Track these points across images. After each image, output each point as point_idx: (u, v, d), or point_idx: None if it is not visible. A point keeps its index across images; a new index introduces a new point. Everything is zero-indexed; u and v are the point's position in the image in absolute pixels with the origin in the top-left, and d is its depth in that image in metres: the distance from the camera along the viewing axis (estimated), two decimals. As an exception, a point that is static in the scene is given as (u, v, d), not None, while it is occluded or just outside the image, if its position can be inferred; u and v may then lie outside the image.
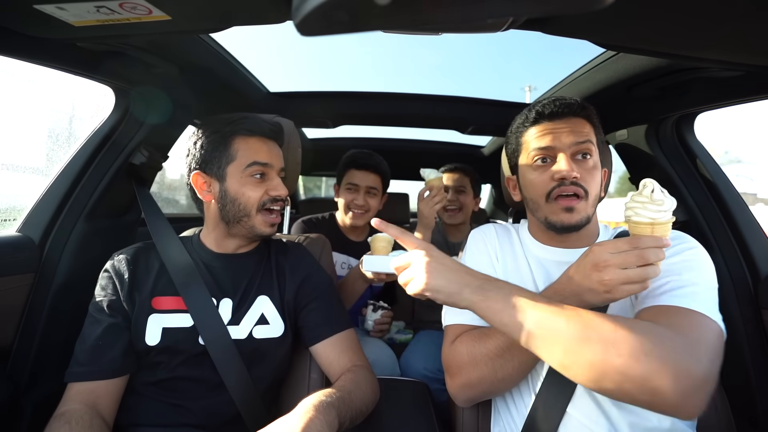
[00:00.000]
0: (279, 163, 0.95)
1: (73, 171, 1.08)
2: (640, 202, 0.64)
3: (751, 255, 1.07)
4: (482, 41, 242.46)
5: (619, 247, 0.63)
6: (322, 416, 0.65)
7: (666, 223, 0.63)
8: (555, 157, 0.82)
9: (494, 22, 0.66)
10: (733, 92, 0.93)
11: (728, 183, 1.16)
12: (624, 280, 0.62)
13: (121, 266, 0.88)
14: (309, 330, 0.93)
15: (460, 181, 1.76)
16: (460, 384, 0.79)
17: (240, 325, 0.88)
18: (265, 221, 0.92)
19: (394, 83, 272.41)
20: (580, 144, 0.80)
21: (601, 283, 0.63)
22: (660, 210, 0.62)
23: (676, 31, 0.67)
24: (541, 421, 0.75)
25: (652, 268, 0.62)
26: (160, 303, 0.86)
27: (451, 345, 0.83)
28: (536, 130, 0.84)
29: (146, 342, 0.82)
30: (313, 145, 2.43)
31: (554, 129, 0.82)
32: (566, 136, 0.81)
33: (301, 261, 1.00)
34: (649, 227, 0.63)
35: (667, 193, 0.64)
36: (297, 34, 0.32)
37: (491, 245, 0.93)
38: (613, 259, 0.63)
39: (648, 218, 0.63)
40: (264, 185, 0.91)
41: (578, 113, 0.83)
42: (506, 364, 0.74)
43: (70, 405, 0.76)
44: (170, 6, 0.61)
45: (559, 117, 0.82)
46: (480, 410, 0.88)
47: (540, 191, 0.83)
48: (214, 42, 1.09)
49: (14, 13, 0.67)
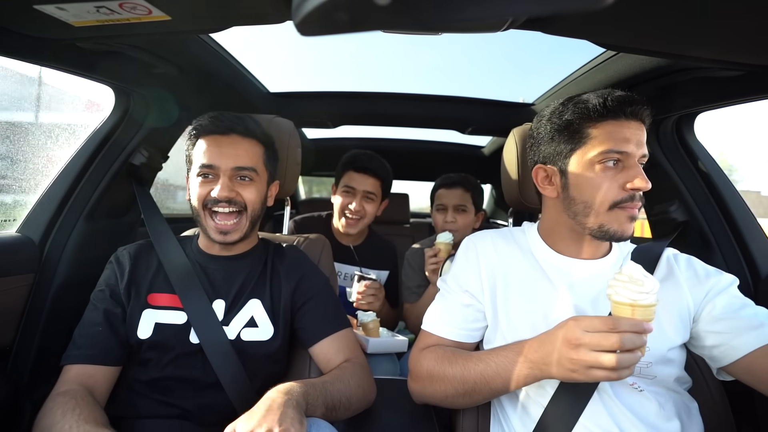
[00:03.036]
0: (231, 162, 0.88)
1: (73, 171, 1.08)
2: (621, 281, 0.60)
3: (751, 255, 1.07)
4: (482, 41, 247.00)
5: (596, 325, 0.59)
6: (286, 396, 0.67)
7: (648, 306, 0.59)
8: (625, 164, 0.72)
9: (494, 22, 0.66)
10: (733, 92, 0.93)
11: (728, 183, 1.16)
12: (593, 364, 0.59)
13: (124, 259, 0.91)
14: (305, 332, 0.93)
15: (459, 198, 1.52)
16: (415, 389, 0.86)
17: (229, 326, 0.88)
18: (214, 226, 0.88)
19: (394, 83, 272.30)
20: (643, 156, 0.73)
21: (569, 361, 0.61)
22: (641, 291, 0.58)
23: (676, 31, 0.67)
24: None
25: (628, 356, 0.58)
26: (155, 299, 0.88)
27: (419, 352, 0.85)
28: (613, 126, 0.72)
29: (138, 335, 0.84)
30: (313, 145, 2.43)
31: (632, 131, 0.71)
32: (639, 144, 0.71)
33: (297, 263, 1.00)
34: (629, 308, 0.59)
35: (649, 275, 0.60)
36: (297, 34, 0.32)
37: (484, 257, 0.86)
38: (585, 338, 0.59)
39: (628, 299, 0.59)
40: (210, 185, 0.88)
41: (646, 118, 0.74)
42: (458, 395, 0.77)
43: (70, 386, 0.77)
44: (170, 6, 0.61)
45: (635, 117, 0.72)
46: (479, 413, 0.88)
47: (604, 197, 0.72)
48: (214, 42, 1.09)
49: (14, 13, 0.67)
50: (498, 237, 0.90)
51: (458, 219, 1.52)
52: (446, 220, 1.52)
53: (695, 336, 0.76)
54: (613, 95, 0.73)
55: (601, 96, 0.73)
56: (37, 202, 1.06)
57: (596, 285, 0.78)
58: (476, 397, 0.76)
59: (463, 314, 0.85)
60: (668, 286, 0.77)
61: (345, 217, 1.46)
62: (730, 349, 0.70)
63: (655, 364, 0.72)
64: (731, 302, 0.74)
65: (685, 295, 0.76)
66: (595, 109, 0.73)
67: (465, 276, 0.86)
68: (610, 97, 0.72)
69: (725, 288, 0.76)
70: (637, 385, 0.72)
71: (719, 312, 0.73)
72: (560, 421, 0.70)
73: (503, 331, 0.80)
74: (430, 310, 0.90)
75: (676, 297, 0.76)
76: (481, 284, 0.84)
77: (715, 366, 0.75)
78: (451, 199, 1.53)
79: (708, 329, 0.74)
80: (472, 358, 0.77)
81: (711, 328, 0.73)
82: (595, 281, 0.79)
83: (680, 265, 0.81)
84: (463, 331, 0.85)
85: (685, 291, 0.77)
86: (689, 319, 0.76)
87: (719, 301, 0.74)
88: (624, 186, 0.71)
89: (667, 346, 0.73)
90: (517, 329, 0.79)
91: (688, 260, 0.82)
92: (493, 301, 0.83)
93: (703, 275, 0.78)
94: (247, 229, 0.91)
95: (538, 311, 0.78)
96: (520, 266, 0.84)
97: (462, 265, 0.88)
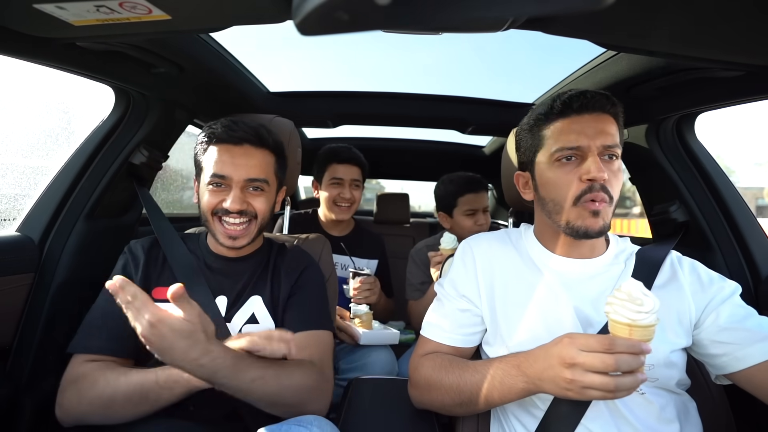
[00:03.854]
0: (244, 173, 0.88)
1: (72, 170, 1.08)
2: (619, 299, 0.58)
3: (752, 255, 1.07)
4: (482, 41, 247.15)
5: (591, 345, 0.58)
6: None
7: (647, 326, 0.56)
8: (582, 157, 0.74)
9: (494, 22, 0.66)
10: (733, 92, 0.93)
11: (728, 183, 1.16)
12: (588, 384, 0.57)
13: (138, 252, 0.92)
14: (285, 324, 0.93)
15: (485, 200, 1.57)
16: (414, 396, 0.87)
17: (231, 322, 0.89)
18: (223, 232, 0.89)
19: (394, 83, 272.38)
20: (608, 147, 0.73)
21: (563, 380, 0.59)
22: (639, 311, 0.56)
23: (676, 31, 0.67)
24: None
25: (625, 380, 0.56)
26: (160, 293, 0.88)
27: (419, 358, 0.85)
28: (562, 124, 0.76)
29: None
30: (313, 145, 2.43)
31: (583, 125, 0.74)
32: (596, 134, 0.73)
33: (297, 261, 1.01)
34: (627, 329, 0.57)
35: (649, 294, 0.58)
36: (297, 34, 0.32)
37: (480, 260, 0.86)
38: (580, 357, 0.58)
39: (626, 318, 0.56)
40: (222, 194, 0.89)
41: (608, 109, 0.75)
42: (455, 404, 0.77)
43: (87, 367, 0.78)
44: (170, 5, 0.61)
45: (588, 111, 0.74)
46: (480, 415, 0.88)
47: (565, 193, 0.74)
48: (214, 42, 1.10)
49: (14, 13, 0.67)
50: (495, 240, 0.90)
51: (486, 220, 1.59)
52: (478, 223, 1.56)
53: (698, 343, 0.75)
54: (563, 95, 0.76)
55: (553, 97, 0.78)
56: (36, 201, 1.06)
57: (595, 285, 0.78)
58: (472, 407, 0.76)
59: (461, 319, 0.85)
60: (671, 290, 0.77)
61: (338, 206, 1.56)
62: (734, 360, 0.70)
63: (657, 367, 0.72)
64: (735, 312, 0.73)
65: (687, 300, 0.76)
66: (547, 110, 0.78)
67: (462, 281, 0.87)
68: (560, 98, 0.76)
69: (729, 297, 0.75)
70: (639, 388, 0.72)
71: (724, 322, 0.72)
72: (561, 424, 0.70)
73: (502, 334, 0.80)
74: (428, 316, 0.91)
75: (678, 301, 0.76)
76: (478, 288, 0.84)
77: (715, 373, 0.75)
78: (481, 203, 1.57)
79: (712, 339, 0.73)
80: (469, 369, 0.76)
81: (715, 337, 0.72)
82: (592, 281, 0.79)
83: (684, 270, 0.80)
84: (460, 336, 0.85)
85: (688, 296, 0.76)
86: (690, 324, 0.75)
87: (723, 310, 0.73)
88: (581, 178, 0.73)
89: (669, 350, 0.73)
90: (515, 332, 0.79)
91: (692, 265, 0.82)
92: (491, 304, 0.83)
93: (706, 281, 0.77)
94: (255, 235, 0.93)
95: (536, 314, 0.78)
96: (517, 268, 0.84)
97: (459, 270, 0.89)
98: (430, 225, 2.43)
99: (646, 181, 1.32)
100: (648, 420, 0.71)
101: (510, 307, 0.81)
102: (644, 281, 0.76)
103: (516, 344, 0.77)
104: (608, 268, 0.81)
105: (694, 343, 0.76)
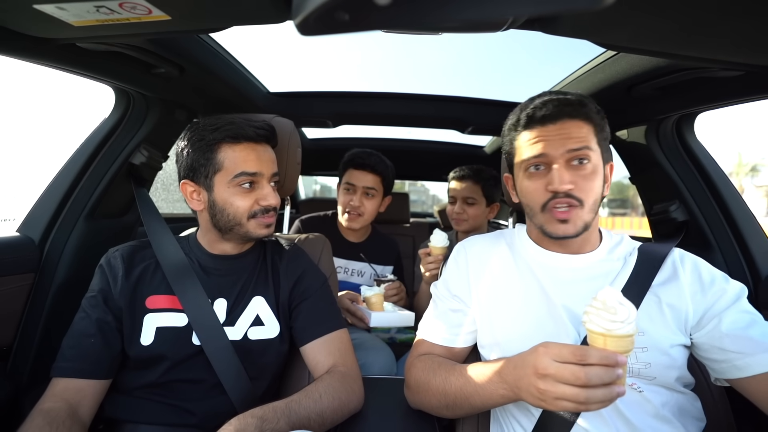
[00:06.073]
0: (270, 168, 0.90)
1: (73, 171, 1.08)
2: (595, 308, 0.56)
3: (751, 255, 1.07)
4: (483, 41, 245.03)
5: (564, 355, 0.56)
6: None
7: (622, 337, 0.54)
8: (549, 165, 0.75)
9: (494, 22, 0.66)
10: (733, 92, 0.93)
11: (728, 183, 1.16)
12: (559, 395, 0.55)
13: (116, 262, 0.86)
14: (297, 331, 0.92)
15: (468, 191, 1.57)
16: (408, 397, 0.88)
17: (235, 326, 0.87)
18: (258, 224, 0.89)
19: (393, 83, 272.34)
20: (575, 151, 0.73)
21: (537, 390, 0.59)
22: (614, 320, 0.54)
23: (676, 31, 0.67)
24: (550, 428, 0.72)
25: (598, 392, 0.53)
26: (154, 302, 0.85)
27: (413, 359, 0.86)
28: (528, 135, 0.77)
29: (141, 342, 0.82)
30: (313, 145, 2.42)
31: (548, 135, 0.75)
32: (561, 142, 0.73)
33: (296, 262, 0.99)
34: (602, 338, 0.55)
35: (626, 302, 0.55)
36: (297, 34, 0.32)
37: (473, 262, 0.87)
38: (551, 368, 0.56)
39: (601, 328, 0.55)
40: (254, 194, 0.87)
41: (575, 114, 0.75)
42: (442, 407, 0.77)
43: (54, 402, 0.75)
44: (170, 6, 0.61)
45: (552, 120, 0.75)
46: (480, 414, 0.88)
47: (534, 200, 0.77)
48: (214, 42, 1.10)
49: (14, 13, 0.67)
50: (489, 241, 0.92)
51: (467, 210, 1.58)
52: (455, 210, 1.60)
53: (699, 346, 0.74)
54: (529, 106, 0.78)
55: (521, 106, 0.80)
56: (36, 201, 1.06)
57: (587, 283, 0.78)
58: (458, 410, 0.76)
59: (453, 319, 0.86)
60: (670, 288, 0.76)
61: (347, 213, 1.52)
62: (734, 368, 0.69)
63: (654, 365, 0.72)
64: (739, 318, 0.71)
65: (686, 300, 0.75)
66: (515, 122, 0.81)
67: (454, 281, 0.88)
68: (525, 110, 0.78)
69: (732, 302, 0.73)
70: (637, 386, 0.72)
71: (726, 328, 0.70)
72: (559, 422, 0.70)
73: (495, 335, 0.81)
74: (424, 317, 0.92)
75: (677, 301, 0.75)
76: (470, 289, 0.85)
77: (714, 375, 0.75)
78: (461, 192, 1.59)
79: (712, 344, 0.72)
80: (455, 372, 0.76)
81: (716, 343, 0.71)
82: (585, 279, 0.79)
83: (685, 269, 0.78)
84: (452, 336, 0.85)
85: (687, 297, 0.75)
86: (688, 325, 0.75)
87: (726, 316, 0.71)
88: (546, 188, 0.75)
89: (666, 348, 0.73)
90: (507, 333, 0.79)
91: (694, 264, 0.80)
92: (483, 305, 0.83)
93: (707, 282, 0.75)
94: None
95: (526, 314, 0.78)
96: (509, 268, 0.85)
97: (452, 271, 0.90)
98: (430, 225, 2.43)
99: (646, 180, 1.32)
100: (646, 418, 0.71)
101: (502, 307, 0.81)
102: (645, 277, 0.76)
103: (508, 345, 0.78)
104: (601, 264, 0.81)
105: (694, 345, 0.75)
